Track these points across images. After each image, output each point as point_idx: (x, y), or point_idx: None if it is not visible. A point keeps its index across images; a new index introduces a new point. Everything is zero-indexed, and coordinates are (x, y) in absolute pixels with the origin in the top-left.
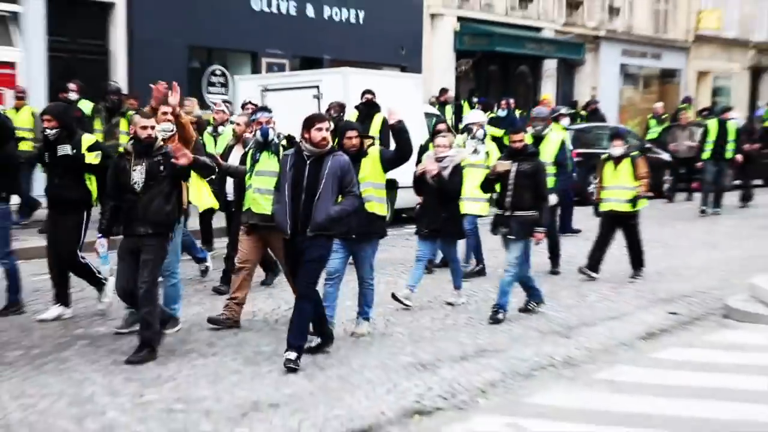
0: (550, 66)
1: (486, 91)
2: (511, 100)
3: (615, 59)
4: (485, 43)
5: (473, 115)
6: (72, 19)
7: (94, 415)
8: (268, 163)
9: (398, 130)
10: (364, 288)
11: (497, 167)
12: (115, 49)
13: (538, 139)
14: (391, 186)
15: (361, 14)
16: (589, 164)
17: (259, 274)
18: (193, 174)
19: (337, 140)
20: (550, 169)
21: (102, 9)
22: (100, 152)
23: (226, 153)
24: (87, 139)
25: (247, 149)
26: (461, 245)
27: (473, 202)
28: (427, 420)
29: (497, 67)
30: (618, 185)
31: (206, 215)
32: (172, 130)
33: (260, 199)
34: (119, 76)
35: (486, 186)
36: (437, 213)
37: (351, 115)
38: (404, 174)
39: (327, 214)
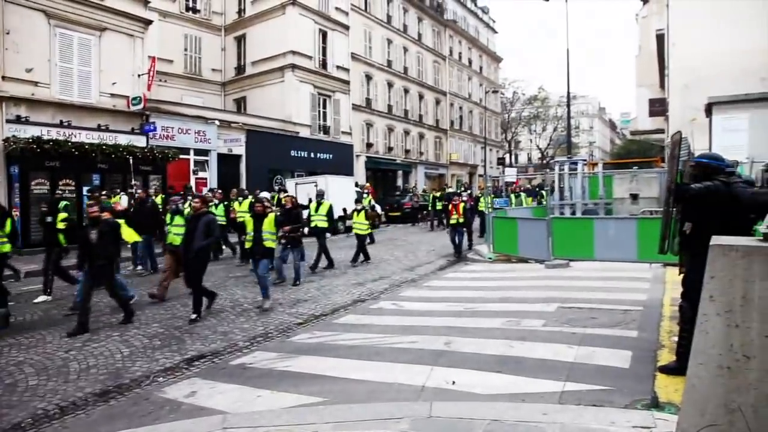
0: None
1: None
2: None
3: (422, 172)
4: (374, 165)
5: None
6: None
7: None
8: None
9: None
10: (261, 281)
11: None
12: None
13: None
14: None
15: (331, 156)
16: None
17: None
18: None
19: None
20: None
21: None
22: None
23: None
24: None
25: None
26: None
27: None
28: (362, 304)
29: (380, 174)
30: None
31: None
32: None
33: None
34: None
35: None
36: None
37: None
38: None
39: (198, 245)
